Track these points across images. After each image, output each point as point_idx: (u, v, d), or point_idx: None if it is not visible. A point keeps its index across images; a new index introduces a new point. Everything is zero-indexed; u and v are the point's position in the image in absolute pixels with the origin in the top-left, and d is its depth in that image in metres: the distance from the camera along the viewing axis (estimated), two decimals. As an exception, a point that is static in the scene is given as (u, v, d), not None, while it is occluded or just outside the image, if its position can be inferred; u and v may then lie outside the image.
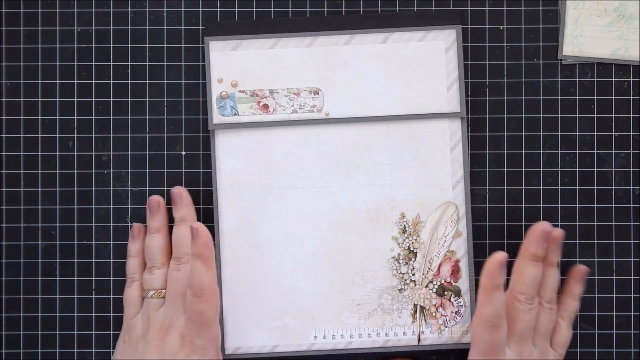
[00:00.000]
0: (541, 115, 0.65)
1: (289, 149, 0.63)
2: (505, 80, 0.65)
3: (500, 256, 0.57)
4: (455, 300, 0.63)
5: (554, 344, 0.61)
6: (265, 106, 0.63)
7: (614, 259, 0.64)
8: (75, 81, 0.65)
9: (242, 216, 0.63)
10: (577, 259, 0.64)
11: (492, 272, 0.57)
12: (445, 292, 0.63)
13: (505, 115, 0.65)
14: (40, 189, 0.65)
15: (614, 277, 0.64)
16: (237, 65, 0.63)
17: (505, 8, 0.65)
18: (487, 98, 0.65)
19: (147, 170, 0.64)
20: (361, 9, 0.65)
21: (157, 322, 0.60)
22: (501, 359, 0.58)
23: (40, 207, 0.65)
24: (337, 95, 0.63)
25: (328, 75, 0.63)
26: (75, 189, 0.65)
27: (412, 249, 0.63)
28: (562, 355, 0.62)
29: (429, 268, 0.63)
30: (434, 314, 0.63)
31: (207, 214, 0.64)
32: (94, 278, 0.65)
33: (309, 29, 0.63)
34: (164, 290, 0.61)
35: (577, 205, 0.65)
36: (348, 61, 0.63)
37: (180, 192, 0.63)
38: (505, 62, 0.65)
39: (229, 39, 0.63)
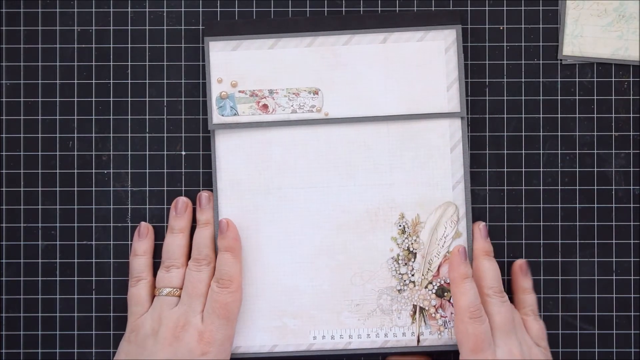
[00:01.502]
0: (541, 115, 0.64)
1: (289, 149, 0.63)
2: (505, 80, 0.65)
3: (460, 247, 0.61)
4: (455, 301, 0.63)
5: (533, 340, 0.61)
6: (265, 106, 0.63)
7: (614, 259, 0.64)
8: (75, 81, 0.65)
9: (242, 216, 0.63)
10: (577, 259, 0.64)
11: (457, 263, 0.60)
12: (445, 293, 0.63)
13: (505, 115, 0.65)
14: (40, 189, 0.65)
15: (614, 277, 0.64)
16: (237, 65, 0.63)
17: (505, 8, 0.64)
18: (487, 98, 0.65)
19: (147, 170, 0.65)
20: (361, 9, 0.65)
21: (171, 320, 0.60)
22: (491, 358, 0.58)
23: (40, 207, 0.65)
24: (337, 95, 0.63)
25: (328, 75, 0.63)
26: (75, 189, 0.65)
27: (411, 249, 0.63)
28: (546, 348, 0.62)
29: (428, 269, 0.63)
30: (433, 315, 0.63)
31: (207, 214, 0.64)
32: (94, 278, 0.65)
33: (309, 29, 0.63)
34: (179, 290, 0.61)
35: (577, 205, 0.64)
36: (348, 61, 0.63)
37: (209, 196, 0.63)
38: (505, 62, 0.64)
39: (229, 39, 0.63)
